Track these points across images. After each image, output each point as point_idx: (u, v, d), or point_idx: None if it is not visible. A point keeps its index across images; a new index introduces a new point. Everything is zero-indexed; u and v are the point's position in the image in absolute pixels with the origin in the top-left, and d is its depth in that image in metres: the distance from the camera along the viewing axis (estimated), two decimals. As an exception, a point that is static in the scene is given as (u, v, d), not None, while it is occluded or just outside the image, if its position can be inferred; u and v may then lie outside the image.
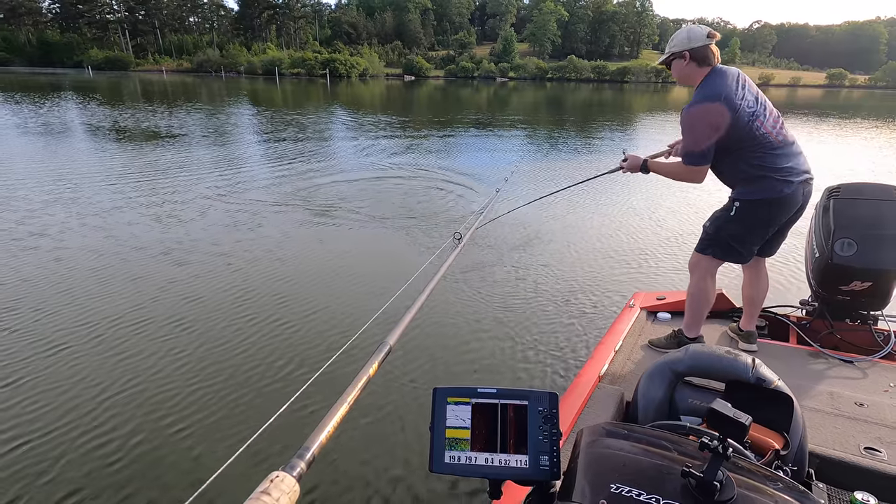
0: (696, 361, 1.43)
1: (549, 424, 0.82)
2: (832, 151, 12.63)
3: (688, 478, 0.71)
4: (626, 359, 2.22)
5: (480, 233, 5.65)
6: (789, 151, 2.10)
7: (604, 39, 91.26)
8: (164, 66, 71.29)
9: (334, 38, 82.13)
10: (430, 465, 0.81)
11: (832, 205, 2.31)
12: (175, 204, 6.49)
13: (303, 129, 14.91)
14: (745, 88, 2.08)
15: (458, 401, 0.84)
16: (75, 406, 2.66)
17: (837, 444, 1.61)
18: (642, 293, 2.93)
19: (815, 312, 2.50)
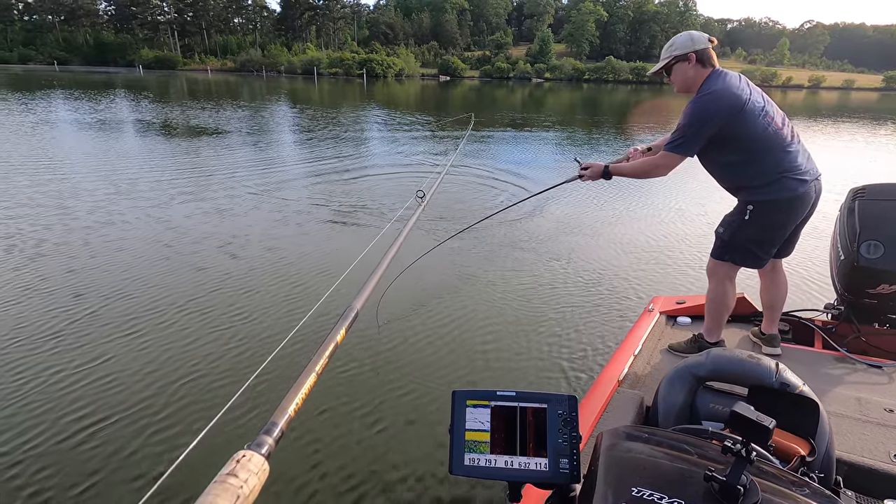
0: (718, 365, 1.41)
1: (568, 428, 0.82)
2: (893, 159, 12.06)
3: (710, 482, 0.70)
4: (645, 363, 2.20)
5: (500, 230, 5.75)
6: (800, 149, 2.08)
7: (644, 40, 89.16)
8: (210, 65, 73.94)
9: (372, 39, 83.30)
10: (450, 468, 0.81)
11: (857, 206, 2.26)
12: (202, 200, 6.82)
13: (339, 126, 15.28)
14: (750, 87, 2.06)
15: (478, 403, 0.84)
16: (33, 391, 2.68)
17: (866, 451, 1.58)
18: (661, 297, 2.89)
19: (840, 316, 2.44)
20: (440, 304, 3.93)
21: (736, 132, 2.02)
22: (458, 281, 4.41)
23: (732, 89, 1.99)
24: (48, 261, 4.42)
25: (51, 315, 3.48)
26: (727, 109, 1.98)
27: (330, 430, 2.49)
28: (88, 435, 2.37)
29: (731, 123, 2.00)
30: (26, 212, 5.78)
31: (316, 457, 2.32)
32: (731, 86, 2.00)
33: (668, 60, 2.12)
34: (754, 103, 2.00)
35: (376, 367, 3.06)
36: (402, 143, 12.24)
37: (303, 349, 3.07)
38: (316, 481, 2.20)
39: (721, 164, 2.16)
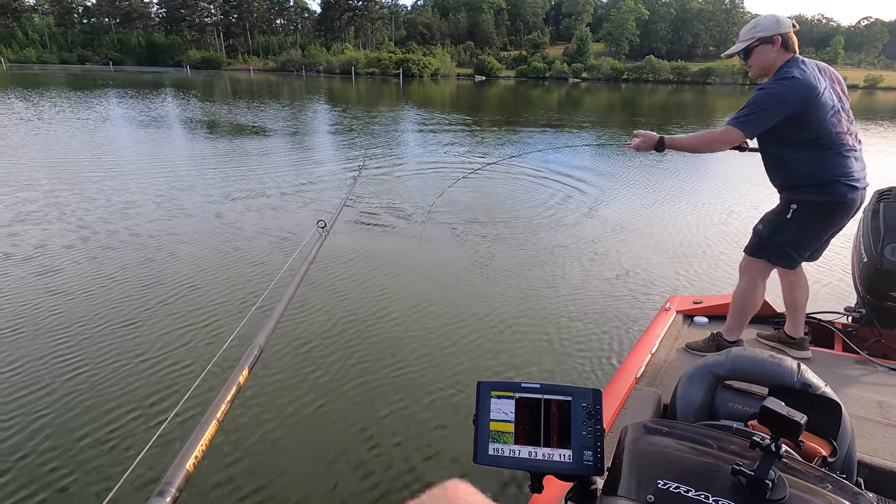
0: (738, 365, 1.40)
1: (592, 420, 0.83)
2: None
3: (738, 476, 0.70)
4: (662, 361, 2.20)
5: (520, 225, 5.80)
6: (858, 156, 2.04)
7: (686, 39, 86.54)
8: (252, 65, 76.26)
9: (409, 39, 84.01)
10: (474, 457, 0.82)
11: (882, 208, 2.24)
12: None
13: (376, 124, 15.57)
14: (828, 81, 1.99)
15: (502, 395, 0.85)
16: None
17: (888, 453, 1.58)
18: (678, 297, 2.90)
19: (861, 319, 2.42)
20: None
21: (802, 124, 1.95)
22: (474, 276, 4.50)
23: (810, 79, 1.92)
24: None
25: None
26: (801, 99, 1.90)
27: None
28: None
29: (800, 114, 1.92)
30: (96, 204, 6.22)
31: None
32: (810, 76, 1.93)
33: (751, 42, 2.02)
34: (827, 99, 1.94)
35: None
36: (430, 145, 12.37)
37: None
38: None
39: (777, 157, 2.10)
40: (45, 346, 3.14)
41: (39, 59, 71.83)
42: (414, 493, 0.47)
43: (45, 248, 4.72)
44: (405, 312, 3.76)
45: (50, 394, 2.71)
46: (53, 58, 73.48)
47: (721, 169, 9.83)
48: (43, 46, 76.77)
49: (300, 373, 2.95)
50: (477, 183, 7.85)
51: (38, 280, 4.04)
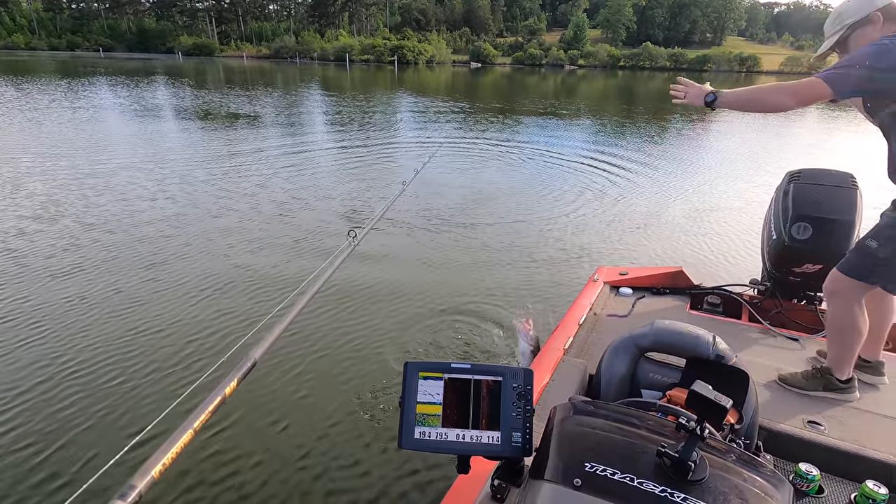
0: (660, 337, 1.46)
1: (523, 401, 0.82)
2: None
3: (662, 457, 0.71)
4: (589, 332, 2.24)
5: (434, 214, 5.87)
6: None
7: (683, 25, 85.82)
8: (245, 52, 75.22)
9: (404, 25, 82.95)
10: (399, 442, 0.80)
11: (792, 189, 2.34)
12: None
13: (369, 113, 15.45)
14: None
15: (431, 376, 0.83)
16: None
17: (783, 417, 1.69)
18: (606, 268, 2.95)
19: (766, 292, 2.59)
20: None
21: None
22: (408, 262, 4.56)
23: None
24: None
25: None
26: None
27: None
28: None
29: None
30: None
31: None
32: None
33: (842, 32, 1.68)
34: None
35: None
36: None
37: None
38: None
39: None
40: (42, 339, 3.15)
41: (28, 46, 70.53)
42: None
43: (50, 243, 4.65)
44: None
45: (26, 392, 2.69)
46: (42, 44, 72.15)
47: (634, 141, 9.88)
48: (31, 32, 75.33)
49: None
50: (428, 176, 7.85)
51: (46, 279, 3.94)
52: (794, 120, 16.09)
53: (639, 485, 0.68)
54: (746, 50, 73.35)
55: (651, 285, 2.75)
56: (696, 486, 0.69)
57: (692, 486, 0.69)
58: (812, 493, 1.35)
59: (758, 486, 0.73)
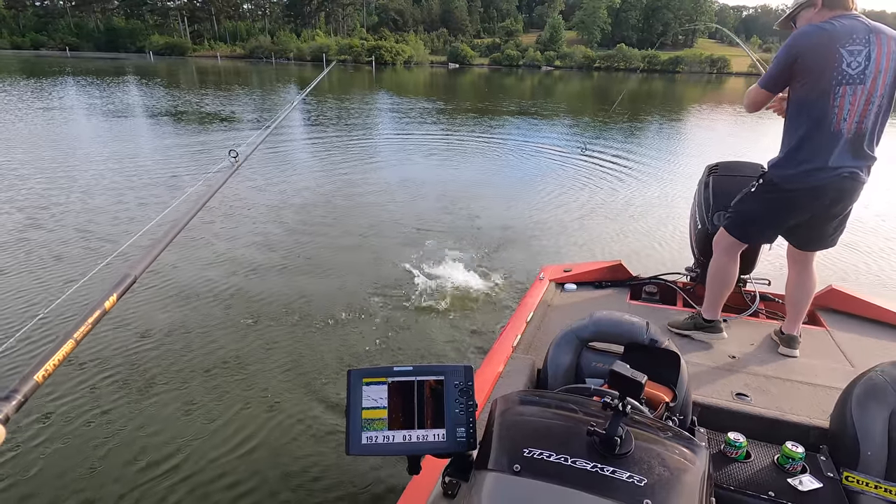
0: (599, 327, 1.56)
1: (465, 397, 0.85)
2: None
3: (593, 436, 0.76)
4: (536, 329, 2.32)
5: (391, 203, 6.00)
6: (845, 141, 1.81)
7: (657, 27, 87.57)
8: (219, 51, 73.90)
9: (381, 25, 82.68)
10: (347, 448, 0.81)
11: (711, 181, 2.52)
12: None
13: (347, 113, 15.37)
14: (864, 47, 1.73)
15: (374, 381, 0.85)
16: None
17: (714, 392, 1.82)
18: (550, 266, 3.03)
19: (697, 278, 2.74)
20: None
21: (800, 79, 1.81)
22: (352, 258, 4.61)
23: (827, 30, 1.74)
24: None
25: None
26: (803, 45, 1.77)
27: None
28: None
29: (801, 65, 1.79)
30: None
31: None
32: (832, 29, 1.74)
33: (794, 9, 1.92)
34: (839, 63, 1.73)
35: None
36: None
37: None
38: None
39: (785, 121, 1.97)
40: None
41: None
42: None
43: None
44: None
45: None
46: (5, 43, 69.57)
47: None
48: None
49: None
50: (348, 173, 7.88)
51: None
52: (763, 119, 16.57)
53: (573, 463, 0.73)
54: (717, 52, 75.28)
55: (593, 280, 2.88)
56: (624, 459, 0.74)
57: (620, 459, 0.74)
58: (741, 459, 1.44)
59: (678, 453, 0.79)
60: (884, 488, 1.29)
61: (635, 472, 0.72)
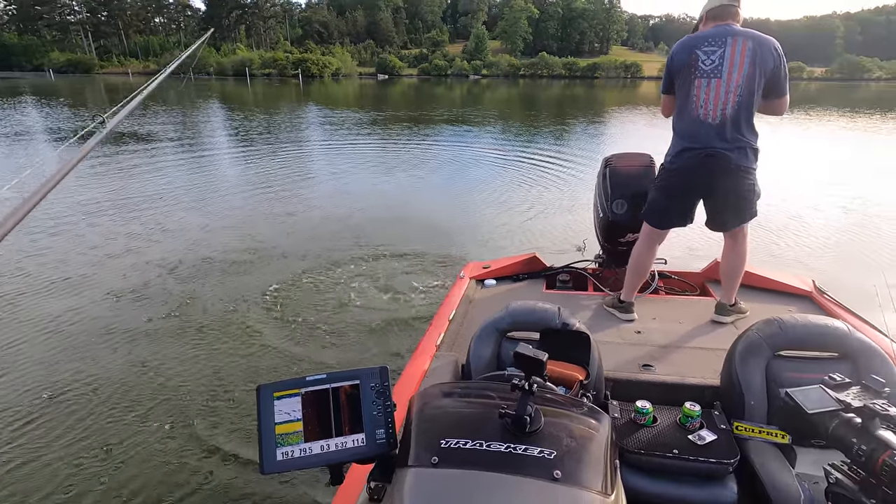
0: (515, 317, 1.65)
1: (382, 398, 0.84)
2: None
3: (505, 418, 0.77)
4: (459, 326, 2.36)
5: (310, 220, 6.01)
6: (707, 127, 2.08)
7: (574, 36, 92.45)
8: (130, 68, 69.34)
9: (306, 38, 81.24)
10: (261, 468, 0.79)
11: (608, 172, 2.71)
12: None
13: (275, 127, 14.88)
14: (719, 49, 2.04)
15: (286, 394, 0.82)
16: None
17: (623, 366, 1.94)
18: (472, 263, 3.12)
19: (604, 263, 2.95)
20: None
21: (676, 80, 2.17)
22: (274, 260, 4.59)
23: (692, 37, 2.11)
24: None
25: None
26: (675, 52, 2.14)
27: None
28: None
29: (674, 68, 2.15)
30: None
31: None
32: (697, 35, 2.11)
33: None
34: (694, 62, 2.07)
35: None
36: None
37: None
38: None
39: None
40: None
41: None
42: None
43: None
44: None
45: None
46: None
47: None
48: None
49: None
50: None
51: None
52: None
53: (487, 447, 0.74)
54: (630, 58, 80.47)
55: (511, 273, 2.98)
56: (534, 436, 0.76)
57: (531, 437, 0.76)
58: (648, 424, 1.55)
59: (583, 423, 0.83)
60: (766, 432, 1.44)
61: (545, 447, 0.74)
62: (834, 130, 15.99)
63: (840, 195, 7.17)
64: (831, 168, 9.47)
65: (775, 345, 1.54)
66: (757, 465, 1.40)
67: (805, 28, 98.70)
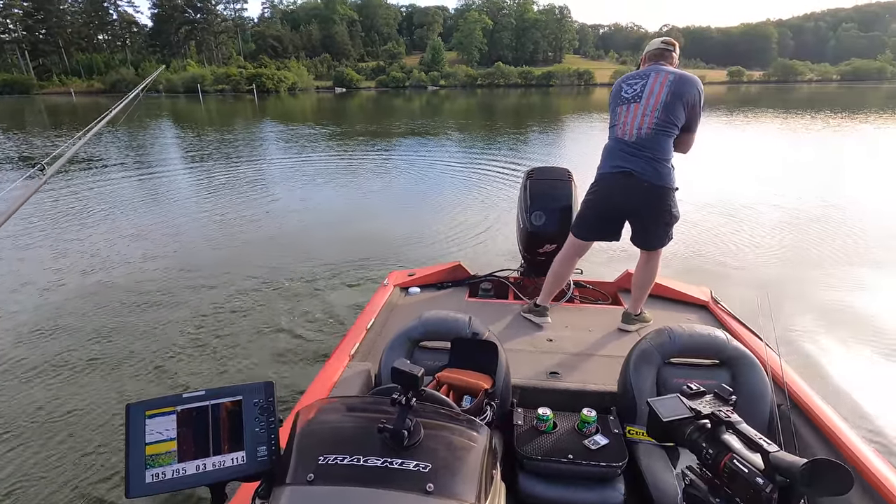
0: (427, 327, 1.66)
1: (265, 414, 0.82)
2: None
3: (383, 432, 0.77)
4: (377, 335, 2.32)
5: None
6: (624, 145, 2.23)
7: (528, 46, 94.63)
8: (73, 87, 66.30)
9: (259, 53, 79.81)
10: (127, 491, 0.74)
11: (529, 184, 2.82)
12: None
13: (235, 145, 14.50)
14: (642, 80, 2.24)
15: (160, 412, 0.78)
16: None
17: (532, 374, 1.97)
18: (396, 272, 3.10)
19: (524, 273, 3.02)
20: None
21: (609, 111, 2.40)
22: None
23: (625, 75, 2.34)
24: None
25: None
26: (613, 87, 2.38)
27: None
28: None
29: (610, 100, 2.37)
30: None
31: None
32: (628, 74, 2.34)
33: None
34: (621, 92, 2.30)
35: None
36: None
37: None
38: None
39: None
40: None
41: None
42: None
43: None
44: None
45: None
46: None
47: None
48: None
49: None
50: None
51: None
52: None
53: (365, 462, 0.74)
54: (582, 66, 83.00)
55: (436, 282, 2.99)
56: (412, 450, 0.77)
57: (408, 451, 0.77)
58: (549, 431, 1.58)
59: (463, 436, 0.84)
60: None
61: (421, 460, 0.75)
62: (768, 131, 16.90)
63: (756, 200, 7.22)
64: (760, 170, 9.82)
65: (665, 353, 1.63)
66: (643, 467, 1.49)
67: (743, 34, 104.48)
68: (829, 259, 4.99)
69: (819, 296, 4.13)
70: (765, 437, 0.86)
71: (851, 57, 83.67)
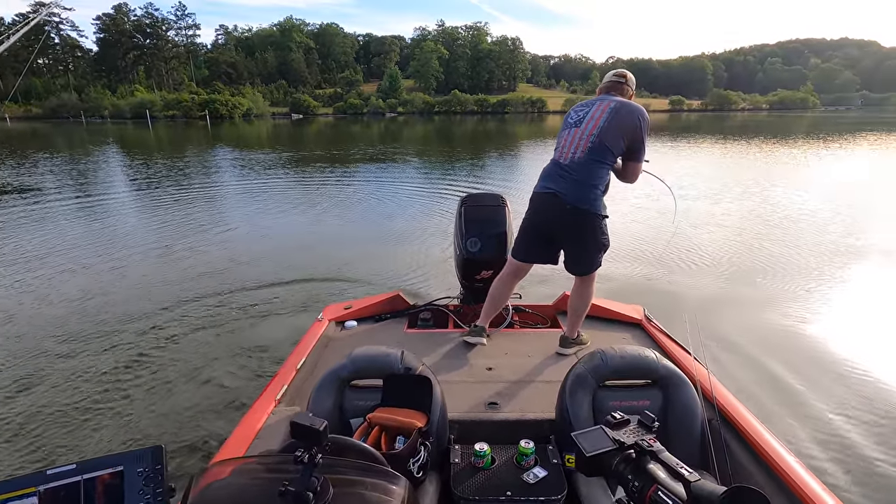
0: (356, 364, 1.57)
1: (152, 485, 0.73)
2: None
3: (285, 496, 0.71)
4: (308, 374, 2.13)
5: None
6: (558, 167, 2.30)
7: (483, 75, 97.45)
8: (8, 112, 62.69)
9: (213, 79, 78.30)
10: None
11: (463, 211, 2.80)
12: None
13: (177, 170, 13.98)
14: (587, 108, 2.31)
15: (16, 496, 0.67)
16: None
17: (470, 406, 1.86)
18: (332, 305, 2.93)
19: (464, 300, 2.96)
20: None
21: None
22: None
23: (577, 104, 2.42)
24: None
25: None
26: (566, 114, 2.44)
27: None
28: None
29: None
30: None
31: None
32: (578, 105, 2.40)
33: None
34: (568, 118, 2.36)
35: None
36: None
37: None
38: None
39: None
40: None
41: None
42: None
43: None
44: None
45: None
46: None
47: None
48: None
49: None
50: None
51: None
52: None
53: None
54: (535, 94, 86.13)
55: (373, 314, 2.84)
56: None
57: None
58: (486, 467, 1.50)
59: (379, 489, 0.79)
60: None
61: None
62: (707, 156, 17.94)
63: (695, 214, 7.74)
64: (705, 191, 10.40)
65: (599, 376, 1.59)
66: (582, 497, 1.44)
67: (681, 67, 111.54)
68: (761, 276, 5.22)
69: (749, 313, 4.28)
70: (686, 466, 0.84)
71: (778, 88, 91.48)
